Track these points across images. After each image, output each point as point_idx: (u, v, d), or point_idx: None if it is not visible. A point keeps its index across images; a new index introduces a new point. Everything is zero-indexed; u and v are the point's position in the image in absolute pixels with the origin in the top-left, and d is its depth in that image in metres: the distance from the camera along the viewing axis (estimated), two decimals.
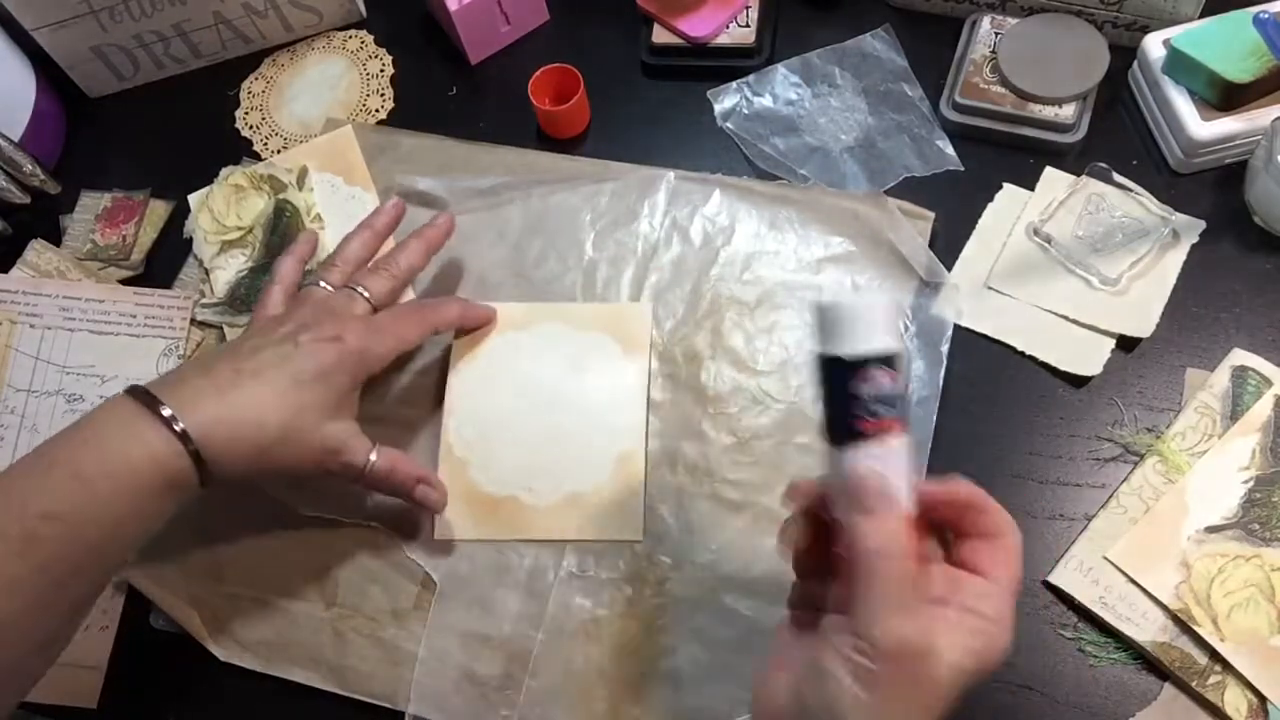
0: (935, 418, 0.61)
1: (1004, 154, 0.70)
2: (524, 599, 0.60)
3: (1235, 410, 0.59)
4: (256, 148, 0.79)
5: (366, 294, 0.61)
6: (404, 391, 0.66)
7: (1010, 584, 0.40)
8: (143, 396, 0.52)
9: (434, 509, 0.61)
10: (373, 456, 0.58)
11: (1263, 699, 0.53)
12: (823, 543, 0.43)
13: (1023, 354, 0.63)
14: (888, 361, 0.39)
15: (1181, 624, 0.55)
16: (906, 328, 0.64)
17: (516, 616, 0.60)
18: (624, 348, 0.65)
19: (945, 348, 0.63)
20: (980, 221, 0.68)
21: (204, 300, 0.71)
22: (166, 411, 0.51)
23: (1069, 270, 0.65)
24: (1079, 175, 0.67)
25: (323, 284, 0.61)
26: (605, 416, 0.63)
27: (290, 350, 0.55)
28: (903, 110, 0.72)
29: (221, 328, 0.71)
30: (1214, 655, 0.54)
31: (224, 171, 0.75)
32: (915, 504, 0.40)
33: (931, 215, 0.67)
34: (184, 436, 0.50)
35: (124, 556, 0.52)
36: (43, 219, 0.76)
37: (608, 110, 0.75)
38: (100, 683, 0.62)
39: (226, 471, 0.52)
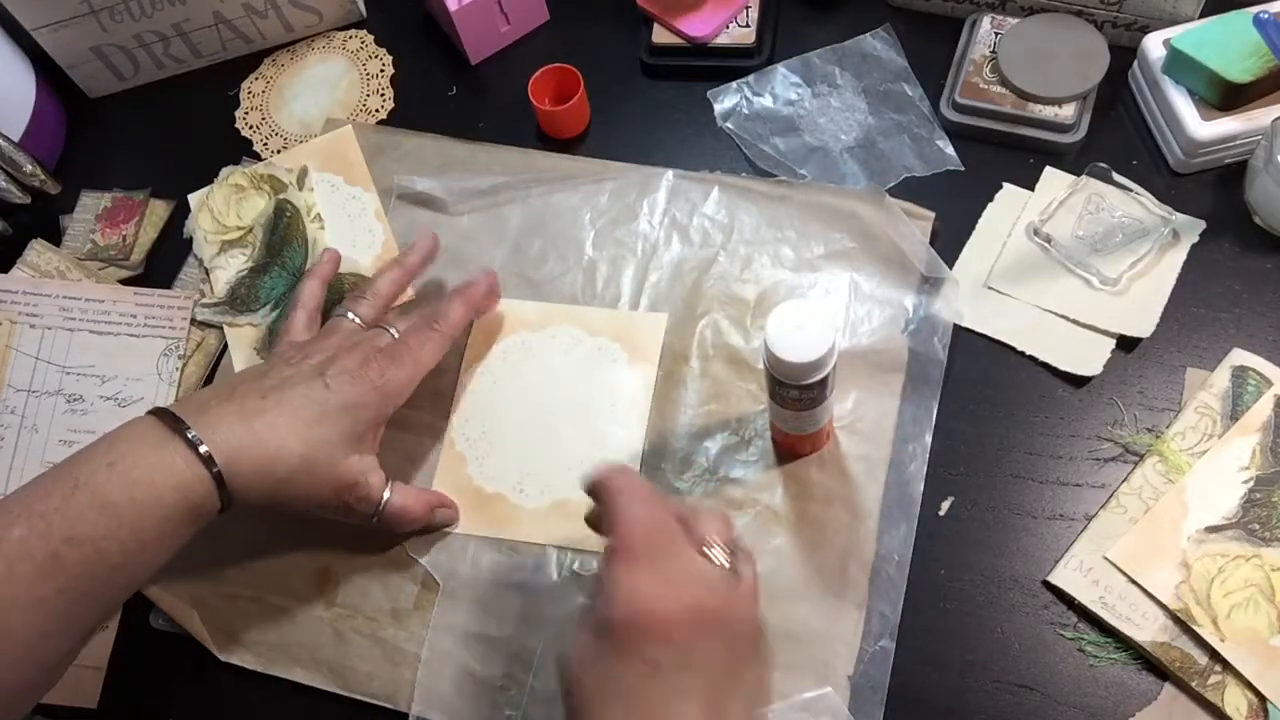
0: (935, 417, 0.61)
1: (1004, 154, 0.70)
2: (526, 599, 0.60)
3: (1235, 410, 0.59)
4: (256, 148, 0.79)
5: (395, 335, 0.61)
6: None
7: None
8: (168, 420, 0.51)
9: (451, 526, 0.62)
10: (386, 493, 0.58)
11: (1263, 699, 0.53)
12: None
13: (1023, 354, 0.63)
14: None
15: (1181, 624, 0.55)
16: (906, 325, 0.64)
17: (518, 616, 0.60)
18: (631, 357, 0.65)
19: (945, 347, 0.63)
20: (980, 221, 0.68)
21: (204, 300, 0.71)
22: (192, 434, 0.51)
23: (1069, 270, 0.65)
24: (1079, 175, 0.67)
25: (351, 315, 0.62)
26: (603, 429, 0.63)
27: (317, 383, 0.56)
28: (903, 110, 0.72)
29: (221, 328, 0.71)
30: (1214, 655, 0.54)
31: (224, 171, 0.75)
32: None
33: (932, 215, 0.67)
34: (208, 461, 0.50)
35: (144, 578, 0.52)
36: (43, 219, 0.76)
37: (608, 110, 0.75)
38: (100, 683, 0.62)
39: (247, 498, 0.52)
